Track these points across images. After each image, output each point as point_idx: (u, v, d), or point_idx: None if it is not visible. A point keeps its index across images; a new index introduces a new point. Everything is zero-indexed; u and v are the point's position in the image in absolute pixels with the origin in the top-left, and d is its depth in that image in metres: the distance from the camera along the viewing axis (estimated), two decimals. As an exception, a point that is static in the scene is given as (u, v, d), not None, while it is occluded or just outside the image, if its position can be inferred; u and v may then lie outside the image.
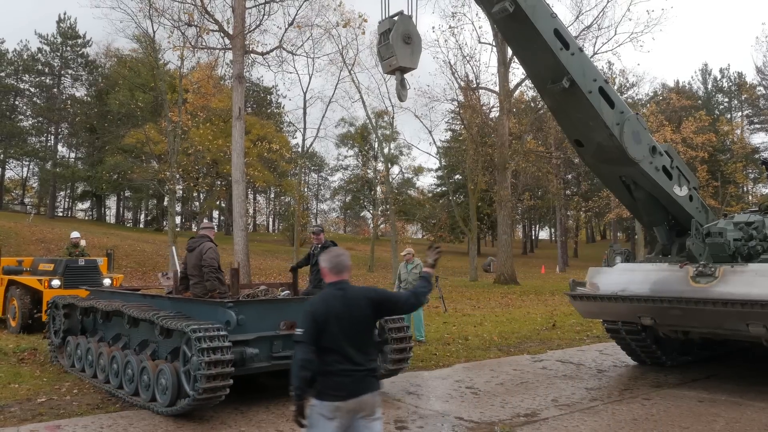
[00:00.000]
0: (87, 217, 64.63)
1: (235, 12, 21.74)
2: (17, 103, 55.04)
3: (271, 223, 75.42)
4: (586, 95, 7.30)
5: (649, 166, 7.84)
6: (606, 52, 42.84)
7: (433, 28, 76.85)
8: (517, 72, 33.79)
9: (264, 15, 23.62)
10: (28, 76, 54.87)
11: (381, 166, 48.30)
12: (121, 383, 6.94)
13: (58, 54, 55.45)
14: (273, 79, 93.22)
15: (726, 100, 67.93)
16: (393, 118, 40.15)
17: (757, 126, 63.19)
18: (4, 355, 9.35)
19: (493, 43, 30.86)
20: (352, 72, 33.26)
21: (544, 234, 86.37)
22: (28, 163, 58.38)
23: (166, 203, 40.43)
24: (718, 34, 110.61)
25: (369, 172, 57.95)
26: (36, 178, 58.77)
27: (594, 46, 30.53)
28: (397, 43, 6.46)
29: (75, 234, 14.47)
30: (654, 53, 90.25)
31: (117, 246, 29.42)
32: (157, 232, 50.06)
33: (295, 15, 24.50)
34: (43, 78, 55.32)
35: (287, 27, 24.40)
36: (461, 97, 33.54)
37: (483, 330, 12.98)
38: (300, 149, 40.52)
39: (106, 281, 12.34)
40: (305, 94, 33.75)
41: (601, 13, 30.96)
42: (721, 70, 69.75)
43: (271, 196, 68.84)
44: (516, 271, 30.68)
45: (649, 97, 50.42)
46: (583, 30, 29.44)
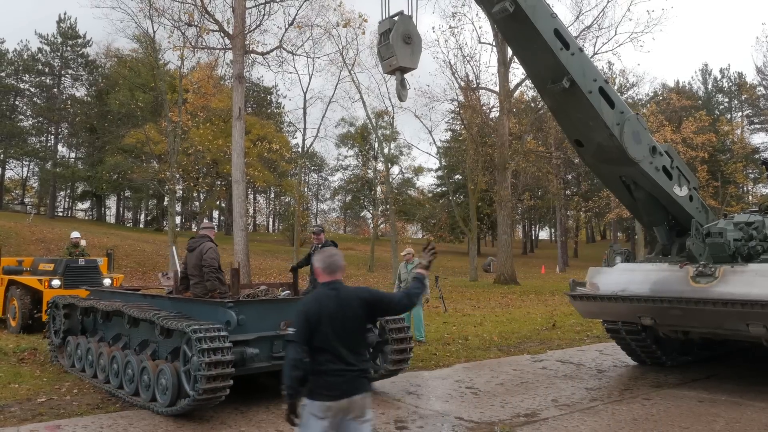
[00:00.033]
0: (87, 217, 64.64)
1: (235, 12, 21.74)
2: (17, 103, 55.07)
3: (271, 223, 75.47)
4: (586, 95, 7.30)
5: (649, 166, 7.84)
6: (606, 52, 43.03)
7: (433, 28, 76.61)
8: (517, 72, 33.87)
9: (264, 15, 23.66)
10: (28, 76, 54.90)
11: (381, 166, 48.32)
12: (121, 383, 6.94)
13: (59, 54, 55.47)
14: (273, 79, 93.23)
15: (726, 100, 67.93)
16: (393, 118, 40.18)
17: (757, 126, 63.23)
18: (4, 355, 9.35)
19: (493, 43, 30.87)
20: (352, 72, 33.28)
21: (544, 234, 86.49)
22: (28, 163, 58.45)
23: (166, 203, 40.44)
24: (718, 34, 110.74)
25: (369, 172, 57.97)
26: (36, 178, 58.84)
27: (594, 46, 30.60)
28: (397, 43, 6.46)
29: (75, 234, 14.46)
30: (654, 53, 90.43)
31: (117, 246, 29.43)
32: (157, 232, 50.06)
33: (295, 15, 24.55)
34: (43, 78, 55.35)
35: (287, 27, 24.44)
36: (461, 97, 33.55)
37: (483, 330, 12.98)
38: (300, 149, 40.54)
39: (107, 281, 12.33)
40: (305, 94, 33.78)
41: (602, 13, 31.05)
42: (721, 70, 69.87)
43: (271, 196, 68.88)
44: (516, 271, 30.68)
45: (649, 97, 50.43)
46: (583, 30, 29.47)
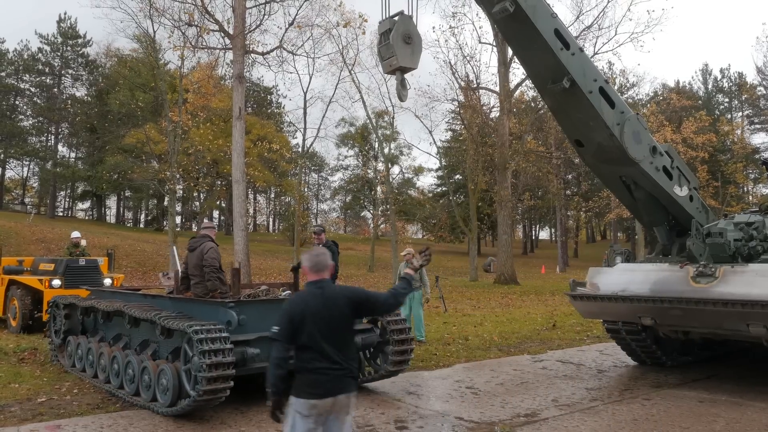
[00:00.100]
0: (87, 217, 64.67)
1: (235, 12, 21.74)
2: (17, 102, 55.10)
3: (271, 223, 75.50)
4: (586, 95, 7.30)
5: (649, 166, 7.84)
6: (606, 52, 43.13)
7: (433, 28, 76.36)
8: (517, 72, 33.85)
9: (264, 15, 23.63)
10: (28, 75, 54.94)
11: (381, 166, 48.35)
12: (121, 383, 6.95)
13: (59, 54, 55.49)
14: (273, 79, 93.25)
15: (726, 100, 67.90)
16: (393, 118, 40.18)
17: (757, 126, 63.23)
18: (5, 354, 9.36)
19: (494, 43, 30.87)
20: (353, 72, 33.28)
21: (545, 234, 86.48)
22: (28, 162, 58.49)
23: (166, 203, 40.45)
24: (719, 34, 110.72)
25: (369, 172, 58.01)
26: (36, 177, 58.87)
27: (594, 46, 30.61)
28: (398, 43, 6.46)
29: (75, 234, 14.46)
30: (654, 53, 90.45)
31: (117, 246, 29.43)
32: (158, 231, 50.08)
33: (296, 15, 24.53)
34: (43, 78, 55.37)
35: (287, 27, 24.41)
36: (461, 97, 33.56)
37: (483, 330, 12.98)
38: (300, 149, 40.55)
39: (107, 281, 12.33)
40: (305, 94, 33.80)
41: (602, 14, 31.05)
42: (721, 70, 69.77)
43: (272, 196, 68.90)
44: (516, 271, 30.68)
45: (649, 97, 50.40)
46: (583, 30, 29.48)
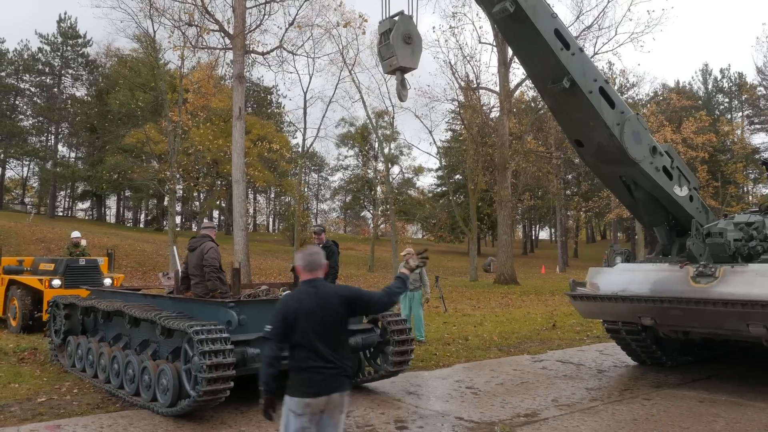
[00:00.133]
0: (87, 217, 64.66)
1: (235, 12, 21.74)
2: (17, 102, 55.09)
3: (271, 223, 75.50)
4: (586, 95, 7.30)
5: (649, 167, 7.84)
6: (606, 52, 43.23)
7: (433, 28, 76.32)
8: (517, 72, 33.87)
9: (264, 15, 23.63)
10: (28, 75, 54.94)
11: (381, 166, 48.35)
12: (122, 383, 6.95)
13: (59, 54, 55.49)
14: (273, 79, 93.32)
15: (726, 100, 67.88)
16: (393, 118, 40.21)
17: (757, 126, 63.21)
18: (5, 354, 9.36)
19: (494, 43, 30.88)
20: (353, 72, 33.31)
21: (545, 234, 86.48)
22: (28, 162, 58.48)
23: (166, 203, 40.45)
24: (719, 34, 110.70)
25: (369, 172, 58.01)
26: (36, 177, 58.87)
27: (594, 47, 30.63)
28: (398, 43, 6.46)
29: (76, 234, 14.46)
30: (654, 53, 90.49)
31: (117, 246, 29.43)
32: (158, 231, 50.09)
33: (296, 15, 24.52)
34: (43, 78, 55.37)
35: (288, 27, 24.40)
36: (461, 97, 33.56)
37: (483, 330, 12.98)
38: (300, 149, 40.59)
39: (107, 281, 12.34)
40: (305, 94, 33.84)
41: (602, 14, 31.03)
42: (721, 71, 69.69)
43: (272, 196, 68.90)
44: (516, 271, 30.68)
45: (649, 97, 50.39)
46: (583, 30, 29.48)
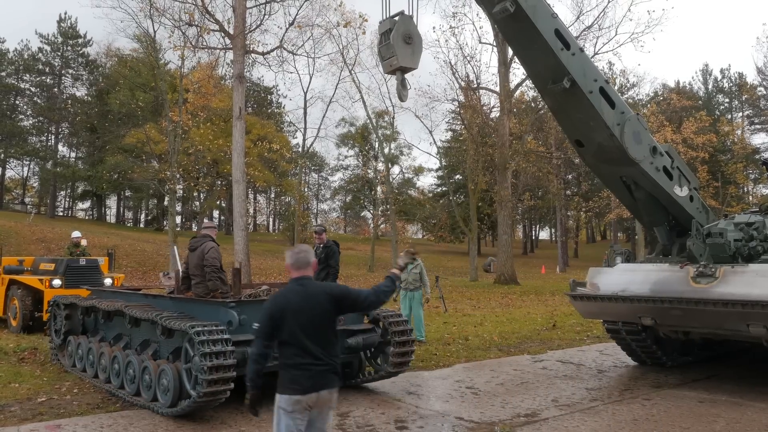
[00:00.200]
0: (87, 217, 64.67)
1: (235, 12, 21.74)
2: (18, 102, 55.07)
3: (271, 222, 75.49)
4: (586, 95, 7.30)
5: (649, 167, 7.84)
6: (607, 52, 43.42)
7: (433, 28, 76.24)
8: (517, 72, 33.91)
9: (264, 15, 23.66)
10: (28, 75, 54.91)
11: (381, 166, 48.38)
12: (122, 383, 6.95)
13: (59, 54, 55.47)
14: (273, 79, 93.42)
15: (726, 100, 67.85)
16: (393, 118, 40.30)
17: (757, 126, 63.21)
18: (5, 354, 9.36)
19: (494, 44, 30.88)
20: (353, 72, 33.39)
21: (545, 234, 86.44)
22: (28, 162, 58.48)
23: (166, 203, 40.43)
24: (719, 34, 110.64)
25: (369, 172, 58.05)
26: (36, 177, 58.86)
27: (595, 47, 30.62)
28: (398, 43, 6.46)
29: (76, 233, 14.47)
30: (654, 53, 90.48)
31: (117, 246, 29.43)
32: (158, 231, 50.10)
33: (296, 15, 24.56)
34: (43, 77, 55.35)
35: (288, 27, 24.44)
36: (462, 97, 33.58)
37: (483, 330, 12.98)
38: (300, 149, 40.63)
39: (107, 281, 12.34)
40: (306, 94, 33.97)
41: (602, 14, 31.06)
42: (721, 71, 69.56)
43: (272, 195, 68.89)
44: (516, 271, 30.68)
45: (649, 97, 50.40)
46: (583, 30, 29.49)
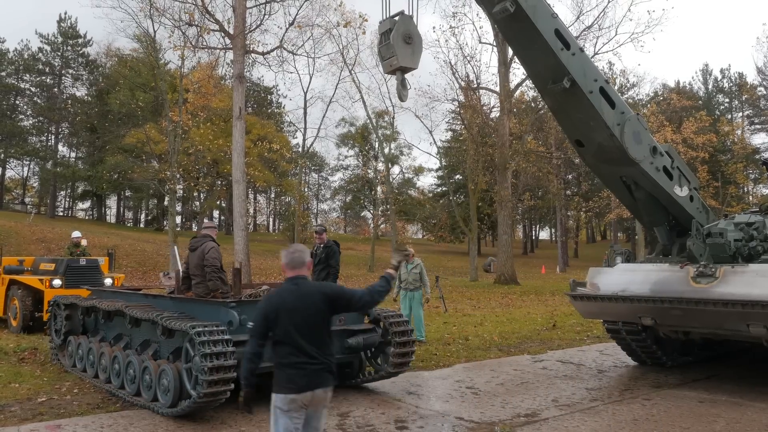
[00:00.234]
0: (87, 217, 64.66)
1: (235, 12, 21.75)
2: (18, 102, 55.06)
3: (271, 222, 75.50)
4: (586, 95, 7.30)
5: (649, 167, 7.84)
6: (607, 52, 43.41)
7: (433, 28, 76.12)
8: (517, 72, 33.90)
9: (265, 15, 23.66)
10: (28, 75, 54.90)
11: (381, 166, 48.39)
12: (122, 383, 6.95)
13: (59, 54, 55.46)
14: (273, 78, 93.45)
15: (726, 100, 67.83)
16: (393, 118, 40.33)
17: (757, 126, 63.21)
18: (5, 354, 9.36)
19: (494, 43, 30.88)
20: (353, 72, 33.40)
21: (545, 234, 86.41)
22: (28, 162, 58.47)
23: (166, 203, 40.41)
24: (719, 34, 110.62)
25: (369, 172, 58.06)
26: (36, 177, 58.85)
27: (595, 47, 30.61)
28: (398, 43, 6.46)
29: (76, 233, 14.47)
30: (654, 53, 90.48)
31: (117, 246, 29.42)
32: (158, 231, 50.10)
33: (296, 15, 24.57)
34: (43, 77, 55.34)
35: (288, 27, 24.44)
36: (462, 97, 33.58)
37: (483, 330, 12.98)
38: (300, 149, 40.63)
39: (108, 281, 12.34)
40: (306, 93, 33.99)
41: (602, 14, 31.04)
42: (721, 71, 69.53)
43: (272, 195, 68.88)
44: (516, 271, 30.67)
45: (649, 97, 50.41)
46: (583, 30, 29.48)
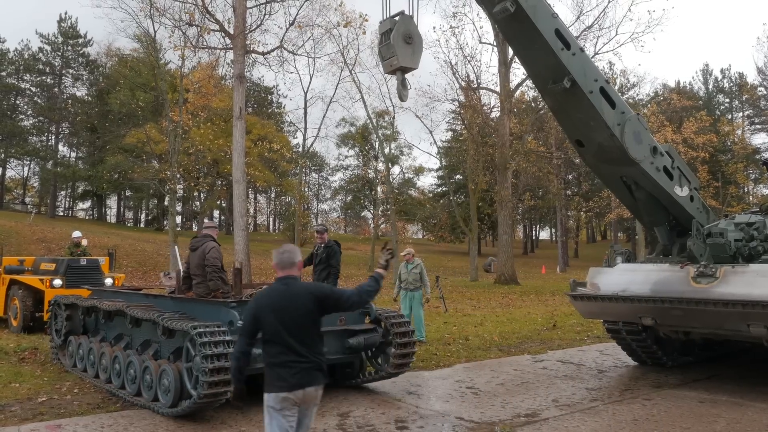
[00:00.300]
0: (88, 217, 64.67)
1: (236, 12, 21.74)
2: (18, 102, 55.07)
3: (271, 222, 75.52)
4: (587, 95, 7.29)
5: (650, 167, 7.84)
6: (607, 52, 43.48)
7: (434, 28, 76.07)
8: (518, 72, 33.92)
9: (265, 15, 23.63)
10: (29, 75, 54.90)
11: (381, 166, 48.39)
12: (123, 383, 6.95)
13: (59, 53, 55.46)
14: (274, 78, 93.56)
15: (727, 100, 67.84)
16: (394, 118, 40.32)
17: (758, 126, 63.23)
18: (5, 354, 9.37)
19: (494, 43, 30.88)
20: (353, 72, 33.37)
21: (545, 234, 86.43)
22: (29, 162, 58.49)
23: (166, 203, 40.38)
24: (719, 34, 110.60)
25: (369, 172, 58.06)
26: (37, 177, 58.88)
27: (595, 47, 30.61)
28: (398, 43, 6.46)
29: (76, 233, 14.47)
30: (655, 53, 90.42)
31: (118, 245, 29.42)
32: (158, 231, 50.11)
33: (296, 15, 24.53)
34: (44, 77, 55.34)
35: (288, 27, 24.41)
36: (462, 97, 33.57)
37: (483, 330, 12.98)
38: (301, 149, 40.63)
39: (108, 281, 12.34)
40: (306, 93, 33.98)
41: (602, 14, 31.14)
42: (722, 71, 69.51)
43: (272, 195, 68.93)
44: (516, 271, 30.67)
45: (649, 97, 50.41)
46: (584, 30, 29.49)
